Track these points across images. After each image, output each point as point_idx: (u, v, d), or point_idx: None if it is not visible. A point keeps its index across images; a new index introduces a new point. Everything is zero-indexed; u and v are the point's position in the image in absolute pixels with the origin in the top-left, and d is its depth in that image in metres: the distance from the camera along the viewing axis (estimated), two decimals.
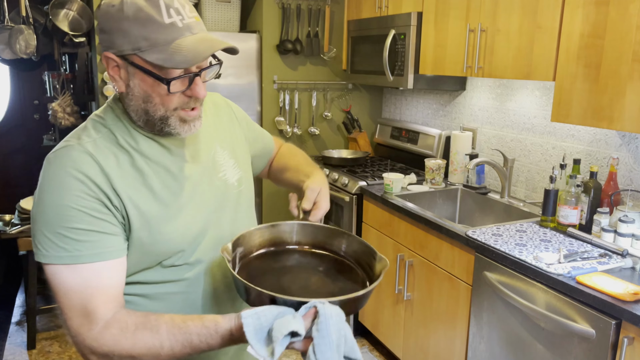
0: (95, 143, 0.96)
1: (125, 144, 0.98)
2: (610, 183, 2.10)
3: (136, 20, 0.89)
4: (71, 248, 0.90)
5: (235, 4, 3.49)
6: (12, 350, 2.93)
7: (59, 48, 3.20)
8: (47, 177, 0.93)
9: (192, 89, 0.96)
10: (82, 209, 0.90)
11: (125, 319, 0.91)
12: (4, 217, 3.00)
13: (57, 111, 3.20)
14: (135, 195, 0.96)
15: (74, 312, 0.90)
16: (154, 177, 0.99)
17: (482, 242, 2.03)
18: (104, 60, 0.95)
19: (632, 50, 1.75)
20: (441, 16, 2.65)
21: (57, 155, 0.94)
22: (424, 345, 2.47)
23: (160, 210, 0.99)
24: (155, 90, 0.94)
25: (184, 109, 0.97)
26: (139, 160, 0.98)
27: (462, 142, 2.87)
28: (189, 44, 0.91)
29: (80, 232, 0.90)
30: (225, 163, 1.13)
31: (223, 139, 1.16)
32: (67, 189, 0.90)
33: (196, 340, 0.89)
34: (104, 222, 0.92)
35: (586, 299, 1.62)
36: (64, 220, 0.89)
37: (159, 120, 0.96)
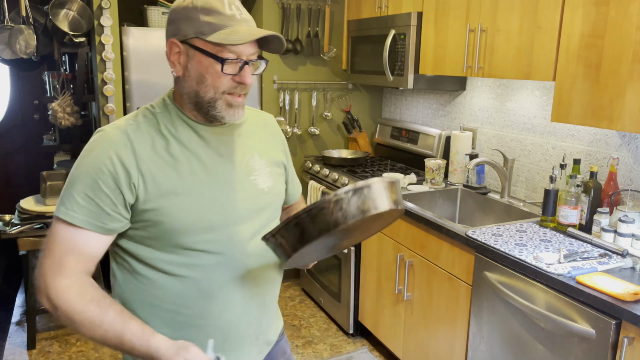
0: (138, 127, 1.09)
1: (165, 130, 1.10)
2: (610, 183, 2.10)
3: (203, 9, 1.04)
4: (73, 208, 1.03)
5: None
6: (12, 350, 2.93)
7: (59, 48, 3.20)
8: (88, 146, 1.08)
9: (240, 75, 1.08)
10: (98, 180, 1.03)
11: (87, 289, 1.03)
12: (4, 217, 3.00)
13: (57, 111, 3.20)
14: (161, 176, 1.07)
15: (49, 259, 1.03)
16: (184, 163, 1.09)
17: (482, 242, 2.03)
18: (168, 47, 1.09)
19: (632, 50, 1.75)
20: (441, 16, 2.65)
21: (103, 132, 1.08)
22: (424, 345, 2.47)
23: (182, 193, 1.08)
24: (209, 71, 1.06)
25: (231, 93, 1.09)
26: (174, 146, 1.10)
27: (462, 142, 2.87)
28: (245, 29, 1.05)
29: (86, 198, 1.03)
30: (259, 169, 1.21)
31: (264, 150, 1.25)
32: (96, 160, 1.04)
33: (128, 337, 0.99)
34: (108, 200, 1.04)
35: (586, 299, 1.62)
36: (81, 183, 1.04)
37: (207, 103, 1.08)
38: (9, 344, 3.00)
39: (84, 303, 1.01)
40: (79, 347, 2.97)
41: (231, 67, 1.06)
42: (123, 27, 3.15)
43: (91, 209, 1.04)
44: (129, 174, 1.05)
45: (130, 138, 1.07)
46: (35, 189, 3.73)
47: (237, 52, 1.06)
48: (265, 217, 1.22)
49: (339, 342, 3.07)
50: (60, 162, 3.55)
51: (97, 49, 3.10)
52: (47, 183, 3.06)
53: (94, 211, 1.04)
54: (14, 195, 4.41)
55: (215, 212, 1.11)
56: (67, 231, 1.04)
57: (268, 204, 1.22)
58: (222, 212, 1.12)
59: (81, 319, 1.01)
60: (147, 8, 3.30)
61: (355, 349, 3.00)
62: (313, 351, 2.96)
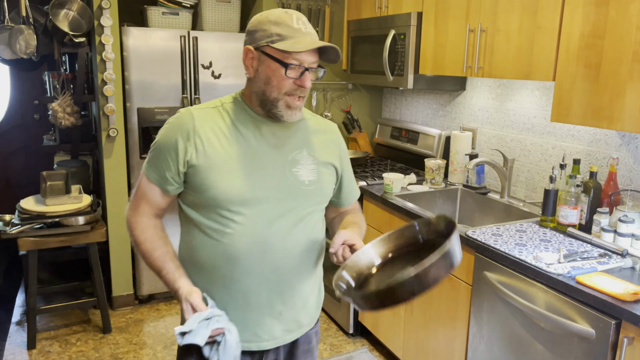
0: (204, 111, 1.34)
1: (227, 117, 1.34)
2: (610, 183, 2.10)
3: (275, 22, 1.26)
4: (150, 167, 1.35)
5: (235, 4, 3.49)
6: (12, 350, 2.93)
7: (59, 48, 3.19)
8: (168, 121, 1.35)
9: (301, 79, 1.28)
10: (164, 151, 1.32)
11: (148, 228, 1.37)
12: (4, 217, 3.00)
13: (57, 111, 3.19)
14: (211, 152, 1.30)
15: (133, 200, 1.39)
16: (234, 144, 1.31)
17: (482, 242, 2.03)
18: (244, 53, 1.31)
19: (632, 50, 1.75)
20: (441, 16, 2.65)
21: (179, 112, 1.36)
22: (424, 345, 2.48)
23: (225, 169, 1.29)
24: (275, 74, 1.27)
25: (291, 95, 1.28)
26: (231, 130, 1.32)
27: (462, 142, 2.87)
28: (307, 40, 1.26)
29: (156, 162, 1.33)
30: (304, 163, 1.38)
31: (315, 150, 1.42)
32: (165, 135, 1.33)
33: (164, 273, 1.33)
34: (167, 168, 1.32)
35: (586, 299, 1.62)
36: (155, 150, 1.34)
37: (271, 102, 1.29)
38: (9, 344, 3.00)
39: (143, 238, 1.36)
40: (79, 347, 2.98)
41: (293, 72, 1.26)
42: (123, 27, 3.15)
43: (158, 172, 1.33)
44: (186, 149, 1.29)
45: (194, 117, 1.31)
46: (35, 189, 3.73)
47: (300, 60, 1.25)
48: (301, 205, 1.36)
49: (339, 342, 3.07)
50: (60, 162, 3.55)
51: (97, 49, 3.10)
52: (47, 183, 3.06)
53: (159, 174, 1.33)
54: (14, 195, 4.41)
55: (250, 189, 1.30)
56: (145, 183, 1.36)
57: (307, 195, 1.37)
58: (256, 191, 1.31)
59: (139, 249, 1.36)
60: (147, 8, 3.30)
61: (355, 348, 3.00)
62: None
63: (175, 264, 1.34)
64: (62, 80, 3.34)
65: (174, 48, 3.25)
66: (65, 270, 3.94)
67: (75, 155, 3.64)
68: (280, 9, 1.30)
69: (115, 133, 3.18)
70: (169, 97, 3.30)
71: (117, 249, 3.37)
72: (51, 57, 3.30)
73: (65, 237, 2.90)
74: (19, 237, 2.80)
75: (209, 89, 3.39)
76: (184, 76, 3.31)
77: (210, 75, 3.38)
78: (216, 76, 3.39)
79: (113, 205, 3.30)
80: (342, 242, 1.32)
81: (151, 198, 1.36)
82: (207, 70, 3.36)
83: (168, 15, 3.34)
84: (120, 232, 3.35)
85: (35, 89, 4.58)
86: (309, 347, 1.50)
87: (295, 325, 1.43)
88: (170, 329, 3.20)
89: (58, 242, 2.89)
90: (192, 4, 3.41)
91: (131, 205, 1.39)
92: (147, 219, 1.37)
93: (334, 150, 1.47)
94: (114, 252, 3.37)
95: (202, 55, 3.33)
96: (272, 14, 1.28)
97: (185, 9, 3.40)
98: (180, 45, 3.27)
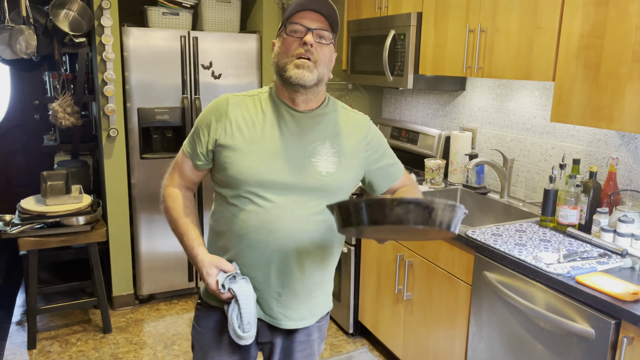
0: (239, 98, 1.47)
1: (258, 104, 1.46)
2: (610, 183, 2.10)
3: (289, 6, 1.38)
4: (187, 142, 1.50)
5: (235, 4, 3.49)
6: (13, 350, 2.94)
7: (59, 48, 3.20)
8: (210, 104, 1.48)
9: (304, 38, 1.36)
10: (198, 129, 1.46)
11: (178, 199, 1.50)
12: (4, 217, 3.00)
13: (57, 111, 3.19)
14: (237, 134, 1.41)
15: (170, 171, 1.54)
16: (258, 129, 1.42)
17: (482, 242, 2.03)
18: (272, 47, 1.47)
19: (632, 51, 1.75)
20: (441, 16, 2.65)
21: (218, 98, 1.48)
22: (423, 345, 2.48)
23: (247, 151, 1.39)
24: (284, 43, 1.39)
25: (298, 56, 1.36)
26: (259, 115, 1.44)
27: (461, 142, 2.87)
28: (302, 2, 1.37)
29: (192, 138, 1.48)
30: (324, 154, 1.44)
31: (340, 142, 1.47)
32: (203, 115, 1.47)
33: (185, 240, 1.45)
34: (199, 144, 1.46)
35: (586, 299, 1.62)
36: (195, 125, 1.48)
37: (282, 68, 1.39)
38: (10, 344, 3.00)
39: (172, 205, 1.49)
40: (79, 347, 2.98)
41: (296, 33, 1.37)
42: (123, 28, 3.15)
43: (192, 147, 1.47)
44: (216, 129, 1.42)
45: (229, 103, 1.45)
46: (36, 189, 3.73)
47: (300, 22, 1.36)
48: (316, 196, 1.41)
49: (339, 342, 3.07)
50: (61, 162, 3.55)
51: (97, 49, 3.10)
52: (48, 183, 3.06)
53: (193, 148, 1.47)
54: (15, 195, 4.42)
55: (267, 173, 1.38)
56: (181, 155, 1.52)
57: (323, 186, 1.42)
58: (272, 175, 1.38)
59: (167, 215, 1.51)
60: (147, 8, 3.30)
61: (355, 348, 3.01)
62: None
63: (196, 232, 1.46)
64: (62, 80, 3.34)
65: (174, 48, 3.26)
66: (66, 270, 3.94)
67: (76, 155, 3.65)
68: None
69: (115, 133, 3.18)
70: (169, 97, 3.30)
71: (117, 249, 3.37)
72: (51, 57, 3.31)
73: (66, 237, 2.91)
74: (19, 237, 2.80)
75: (209, 89, 3.39)
76: (184, 76, 3.31)
77: (211, 75, 3.38)
78: (216, 76, 3.39)
79: (113, 205, 3.30)
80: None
81: (184, 169, 1.51)
82: (207, 71, 3.36)
83: (168, 15, 3.34)
84: (121, 232, 3.36)
85: (35, 89, 4.58)
86: (308, 339, 1.54)
87: (297, 315, 1.48)
88: (170, 328, 3.20)
89: (58, 242, 2.90)
90: (192, 4, 3.42)
91: (167, 176, 1.54)
92: (178, 190, 1.52)
93: (359, 140, 1.51)
94: (114, 252, 3.37)
95: (202, 56, 3.33)
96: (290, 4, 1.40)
97: (185, 9, 3.40)
98: (181, 46, 3.27)
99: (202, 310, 1.54)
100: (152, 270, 3.46)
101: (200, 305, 1.55)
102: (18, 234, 2.79)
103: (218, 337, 1.50)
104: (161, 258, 3.46)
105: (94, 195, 3.22)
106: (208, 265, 1.39)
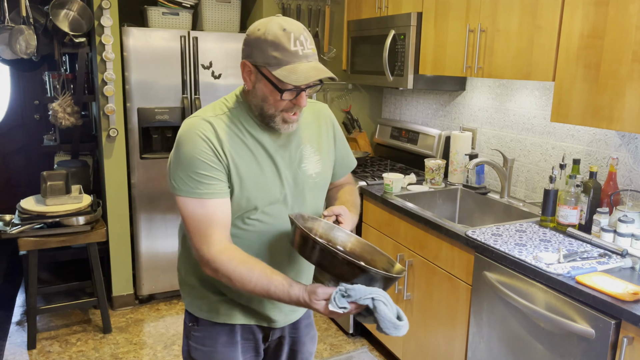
0: (218, 119, 1.33)
1: (239, 124, 1.35)
2: (610, 183, 2.10)
3: (272, 43, 1.24)
4: (195, 186, 1.28)
5: (235, 4, 3.50)
6: (12, 350, 2.94)
7: (59, 48, 3.20)
8: (184, 136, 1.31)
9: (297, 99, 1.30)
10: (205, 160, 1.28)
11: (234, 253, 1.28)
12: (4, 217, 3.00)
13: (57, 111, 3.19)
14: (237, 158, 1.32)
15: (197, 234, 1.29)
16: (252, 149, 1.35)
17: (482, 242, 2.03)
18: (241, 66, 1.32)
19: (632, 51, 1.75)
20: (441, 16, 2.65)
21: (191, 123, 1.32)
22: (423, 345, 2.48)
23: (250, 175, 1.33)
24: (272, 95, 1.28)
25: (287, 112, 1.31)
26: (246, 136, 1.35)
27: (461, 142, 2.87)
28: (304, 69, 1.25)
29: (202, 175, 1.28)
30: (308, 157, 1.44)
31: (316, 140, 1.47)
32: (197, 145, 1.29)
33: (272, 290, 1.23)
34: (217, 171, 1.30)
35: (586, 299, 1.62)
36: (193, 166, 1.28)
37: (268, 117, 1.32)
38: (9, 344, 3.00)
39: (234, 265, 1.26)
40: (79, 347, 2.98)
41: (289, 94, 1.28)
42: (123, 28, 3.15)
43: (208, 182, 1.28)
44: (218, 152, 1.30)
45: (215, 127, 1.31)
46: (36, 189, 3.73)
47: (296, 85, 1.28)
48: (311, 198, 1.45)
49: (339, 342, 3.07)
50: (61, 162, 3.55)
51: (97, 49, 3.10)
52: (48, 183, 3.06)
53: (211, 183, 1.29)
54: (14, 195, 4.42)
55: (271, 193, 1.36)
56: (202, 207, 1.28)
57: (313, 187, 1.45)
58: (277, 193, 1.37)
59: (234, 278, 1.26)
60: (147, 8, 3.30)
61: (355, 348, 3.01)
62: None
63: (278, 274, 1.26)
64: (62, 80, 3.34)
65: (174, 48, 3.26)
66: (65, 270, 3.94)
67: (76, 155, 3.65)
68: (278, 23, 1.26)
69: (115, 133, 3.18)
70: (169, 97, 3.30)
71: (117, 249, 3.37)
72: (51, 57, 3.31)
73: (66, 237, 2.91)
74: (19, 237, 2.80)
75: (209, 89, 3.39)
76: (184, 76, 3.31)
77: (210, 75, 3.38)
78: (216, 76, 3.40)
79: (113, 205, 3.30)
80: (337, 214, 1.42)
81: (220, 216, 1.30)
82: (207, 71, 3.36)
83: (168, 15, 3.34)
84: (120, 232, 3.36)
85: (35, 89, 4.58)
86: (309, 321, 1.63)
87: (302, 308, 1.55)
88: (170, 328, 3.20)
89: (58, 242, 2.90)
90: (192, 4, 3.42)
91: (202, 242, 1.28)
92: (227, 245, 1.29)
93: (330, 134, 1.53)
94: (114, 252, 3.37)
95: (202, 56, 3.33)
96: (269, 32, 1.24)
97: (185, 9, 3.40)
98: (181, 46, 3.27)
99: (202, 330, 1.47)
100: (152, 270, 3.46)
101: (198, 325, 1.46)
102: (18, 234, 2.79)
103: (233, 348, 1.47)
104: (161, 258, 3.46)
105: (94, 195, 3.22)
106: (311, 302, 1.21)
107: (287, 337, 1.57)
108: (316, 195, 1.48)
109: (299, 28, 1.27)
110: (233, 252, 1.28)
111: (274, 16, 1.30)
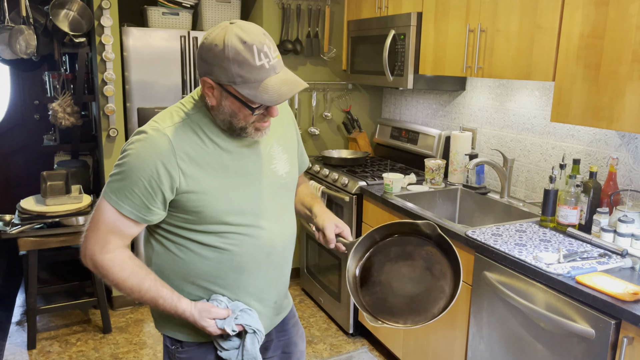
0: (176, 128, 1.23)
1: (199, 130, 1.24)
2: (610, 183, 2.10)
3: (234, 61, 1.13)
4: (122, 199, 1.21)
5: (235, 4, 3.50)
6: (12, 350, 2.94)
7: (59, 48, 3.20)
8: (134, 148, 1.21)
9: (269, 111, 1.23)
10: (146, 184, 1.19)
11: (128, 263, 1.25)
12: (4, 217, 3.00)
13: (57, 111, 3.20)
14: (198, 173, 1.23)
15: (96, 236, 1.23)
16: (217, 159, 1.25)
17: (482, 242, 2.03)
18: (201, 82, 1.20)
19: (632, 50, 1.75)
20: (441, 16, 2.65)
21: (147, 135, 1.21)
22: (423, 345, 2.48)
23: (217, 186, 1.25)
24: (241, 111, 1.20)
25: (259, 122, 1.24)
26: (208, 144, 1.25)
27: (461, 142, 2.87)
28: (274, 84, 1.16)
29: (133, 194, 1.20)
30: (277, 157, 1.37)
31: (281, 136, 1.41)
32: (145, 163, 1.19)
33: (160, 302, 1.25)
34: (150, 198, 1.21)
35: (586, 299, 1.62)
36: (132, 184, 1.20)
37: (240, 129, 1.24)
38: (9, 344, 3.00)
39: (126, 275, 1.23)
40: (79, 347, 2.98)
41: (261, 108, 1.20)
42: (123, 28, 3.15)
43: (136, 203, 1.21)
44: (172, 177, 1.20)
45: (171, 140, 1.21)
46: (36, 189, 3.73)
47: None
48: (284, 198, 1.40)
49: (339, 342, 3.07)
50: (61, 162, 3.55)
51: (97, 49, 3.10)
52: (47, 183, 3.06)
53: (138, 204, 1.21)
54: (14, 195, 4.42)
55: (245, 200, 1.29)
56: (113, 216, 1.22)
57: (285, 187, 1.40)
58: (250, 199, 1.30)
59: (124, 287, 1.24)
60: (147, 8, 3.30)
61: (355, 348, 3.01)
62: (313, 351, 2.97)
63: (167, 288, 1.27)
64: (62, 80, 3.35)
65: (174, 48, 3.26)
66: (65, 270, 3.94)
67: (76, 155, 3.65)
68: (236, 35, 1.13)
69: (115, 133, 3.18)
70: (169, 97, 3.30)
71: None
72: (51, 57, 3.31)
73: (65, 237, 2.91)
74: (19, 237, 2.80)
75: None
76: (184, 76, 3.31)
77: None
78: None
79: None
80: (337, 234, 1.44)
81: (124, 231, 1.24)
82: None
83: (168, 15, 3.34)
84: None
85: (35, 89, 4.58)
86: (295, 319, 1.59)
87: (283, 310, 1.52)
88: None
89: (58, 242, 2.90)
90: (192, 4, 3.42)
91: (95, 242, 1.23)
92: (120, 253, 1.25)
93: (290, 127, 1.48)
94: None
95: None
96: (229, 48, 1.12)
97: (185, 9, 3.40)
98: (180, 46, 3.27)
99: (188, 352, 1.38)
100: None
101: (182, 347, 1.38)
102: (18, 234, 2.79)
103: None
104: None
105: (93, 195, 3.22)
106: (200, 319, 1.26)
107: (275, 340, 1.51)
108: (287, 196, 1.42)
109: (259, 35, 1.15)
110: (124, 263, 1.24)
111: (227, 23, 1.17)
